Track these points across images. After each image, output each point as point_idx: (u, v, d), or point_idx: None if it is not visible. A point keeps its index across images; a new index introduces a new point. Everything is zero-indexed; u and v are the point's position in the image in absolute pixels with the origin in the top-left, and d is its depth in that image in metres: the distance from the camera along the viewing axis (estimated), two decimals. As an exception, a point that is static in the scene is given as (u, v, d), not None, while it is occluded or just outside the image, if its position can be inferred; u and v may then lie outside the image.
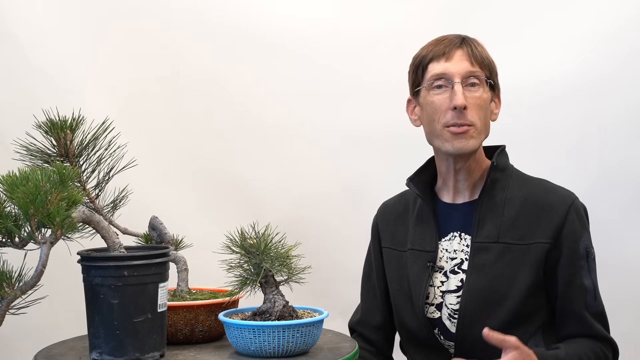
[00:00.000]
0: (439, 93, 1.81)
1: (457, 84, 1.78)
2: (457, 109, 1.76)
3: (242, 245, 1.60)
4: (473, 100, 1.78)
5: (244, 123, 2.77)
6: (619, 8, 2.59)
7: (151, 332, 1.52)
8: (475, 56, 1.81)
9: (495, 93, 1.86)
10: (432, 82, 1.82)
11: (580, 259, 1.78)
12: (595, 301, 1.79)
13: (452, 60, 1.80)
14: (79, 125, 1.69)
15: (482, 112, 1.80)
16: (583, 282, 1.78)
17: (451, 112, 1.78)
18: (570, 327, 1.80)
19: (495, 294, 1.78)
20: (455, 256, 1.85)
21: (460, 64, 1.80)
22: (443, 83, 1.80)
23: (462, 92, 1.77)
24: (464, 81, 1.79)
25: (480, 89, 1.80)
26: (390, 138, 2.70)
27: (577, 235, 1.78)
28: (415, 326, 1.86)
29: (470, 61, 1.80)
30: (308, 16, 2.78)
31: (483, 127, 1.81)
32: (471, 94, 1.79)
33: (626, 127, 2.58)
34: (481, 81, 1.80)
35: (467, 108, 1.77)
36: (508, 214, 1.81)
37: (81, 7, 2.73)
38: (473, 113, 1.78)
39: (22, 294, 1.37)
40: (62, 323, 2.51)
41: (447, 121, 1.79)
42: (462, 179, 1.86)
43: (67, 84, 2.69)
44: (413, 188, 1.89)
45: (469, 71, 1.80)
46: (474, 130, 1.79)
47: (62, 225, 1.37)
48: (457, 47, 1.82)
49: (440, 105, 1.80)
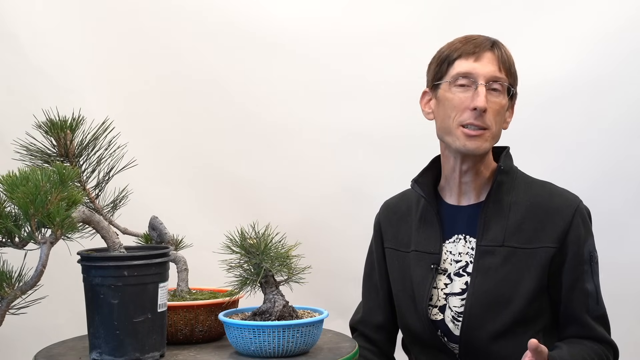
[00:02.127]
0: (461, 91, 1.80)
1: (481, 86, 1.78)
2: (478, 110, 1.76)
3: (242, 245, 1.60)
4: (493, 105, 1.79)
5: (244, 123, 2.77)
6: (619, 8, 2.60)
7: (151, 332, 1.52)
8: (504, 62, 1.81)
9: (512, 102, 1.86)
10: (456, 79, 1.81)
11: (583, 263, 1.78)
12: (597, 305, 1.79)
13: (480, 61, 1.80)
14: (79, 125, 1.69)
15: (498, 118, 1.80)
16: (585, 286, 1.78)
17: (470, 112, 1.78)
18: (572, 330, 1.80)
19: (500, 298, 1.77)
20: (460, 259, 1.84)
21: (488, 67, 1.79)
22: (467, 82, 1.80)
23: (485, 95, 1.77)
24: (488, 84, 1.79)
25: (501, 95, 1.80)
26: (391, 138, 2.70)
27: (581, 240, 1.78)
28: (419, 328, 1.86)
29: (498, 66, 1.80)
30: (308, 16, 2.78)
31: (497, 132, 1.81)
32: (492, 98, 1.79)
33: (626, 126, 2.58)
34: (503, 88, 1.81)
35: (487, 111, 1.77)
36: (513, 217, 1.81)
37: (81, 7, 2.73)
38: (491, 117, 1.78)
39: (22, 294, 1.37)
40: (62, 323, 2.51)
41: (463, 120, 1.78)
42: (468, 180, 1.85)
43: (67, 84, 2.69)
44: (418, 190, 1.89)
45: (495, 76, 1.79)
46: (489, 134, 1.79)
47: (62, 225, 1.37)
48: (487, 50, 1.81)
49: (460, 103, 1.79)
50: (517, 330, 1.77)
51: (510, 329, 1.76)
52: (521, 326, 1.77)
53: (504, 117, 1.83)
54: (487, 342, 1.77)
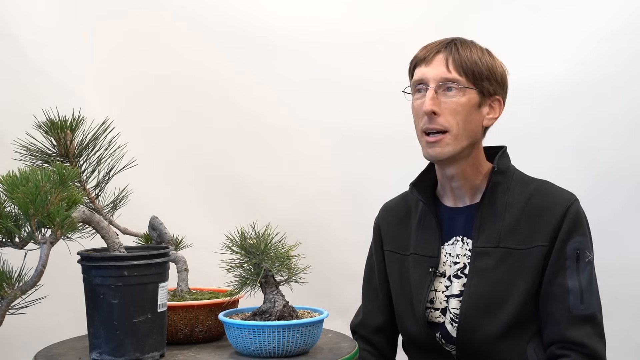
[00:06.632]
0: (418, 98, 1.81)
1: (430, 90, 1.77)
2: (427, 114, 1.76)
3: (242, 245, 1.60)
4: (447, 105, 1.77)
5: (244, 123, 2.77)
6: (619, 8, 2.60)
7: (151, 332, 1.52)
8: (455, 60, 1.78)
9: (486, 97, 1.81)
10: (414, 86, 1.83)
11: (565, 258, 1.75)
12: (582, 304, 1.74)
13: (430, 65, 1.79)
14: (79, 125, 1.69)
15: (458, 117, 1.77)
16: (566, 282, 1.74)
17: (425, 117, 1.78)
18: (548, 331, 1.76)
19: (496, 299, 1.77)
20: (458, 260, 1.84)
21: (436, 69, 1.78)
22: (422, 87, 1.80)
23: (432, 97, 1.76)
24: (440, 86, 1.78)
25: (458, 93, 1.77)
26: (391, 138, 2.70)
27: (566, 235, 1.76)
28: (416, 331, 1.86)
29: (447, 66, 1.78)
30: (308, 16, 2.79)
31: (462, 132, 1.77)
32: (446, 99, 1.77)
33: (626, 126, 2.58)
34: (458, 86, 1.78)
35: (439, 114, 1.76)
36: (509, 218, 1.80)
37: (81, 7, 2.73)
38: (447, 118, 1.76)
39: (22, 294, 1.37)
40: (62, 323, 2.51)
41: (422, 126, 1.79)
42: (457, 185, 1.84)
43: (67, 84, 2.69)
44: (416, 194, 1.89)
45: (443, 77, 1.78)
46: (449, 137, 1.77)
47: (62, 225, 1.37)
48: (437, 52, 1.80)
49: (418, 110, 1.80)
50: (513, 332, 1.76)
51: (506, 330, 1.76)
52: (517, 328, 1.77)
53: (471, 115, 1.79)
54: (484, 343, 1.77)
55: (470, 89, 1.78)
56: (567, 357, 1.72)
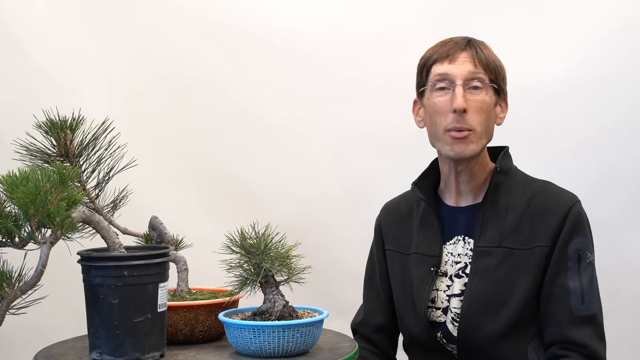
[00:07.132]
0: (441, 95, 1.80)
1: (458, 86, 1.76)
2: (457, 112, 1.76)
3: (242, 245, 1.60)
4: (474, 104, 1.77)
5: (244, 123, 2.77)
6: (619, 8, 2.60)
7: (151, 332, 1.52)
8: (480, 58, 1.79)
9: (500, 97, 1.84)
10: (434, 83, 1.80)
11: (567, 259, 1.75)
12: (582, 304, 1.74)
13: (455, 62, 1.79)
14: (79, 125, 1.69)
15: (483, 116, 1.78)
16: (567, 282, 1.74)
17: (452, 115, 1.76)
18: (549, 331, 1.76)
19: (497, 298, 1.77)
20: (460, 260, 1.84)
21: (463, 66, 1.78)
22: (445, 85, 1.79)
23: (463, 95, 1.76)
24: (467, 84, 1.77)
25: (482, 92, 1.78)
26: (391, 138, 2.70)
27: (568, 236, 1.76)
28: (417, 330, 1.86)
29: (474, 63, 1.78)
30: (308, 16, 2.78)
31: (484, 131, 1.79)
32: (473, 97, 1.77)
33: (626, 126, 2.58)
34: (484, 84, 1.78)
35: (467, 111, 1.76)
36: (510, 218, 1.80)
37: (81, 7, 2.73)
38: (473, 117, 1.76)
39: (22, 294, 1.37)
40: (62, 323, 2.51)
41: (447, 124, 1.77)
42: (464, 181, 1.85)
43: (67, 84, 2.69)
44: (418, 193, 1.89)
45: (472, 73, 1.78)
46: (473, 135, 1.77)
47: (62, 225, 1.37)
48: (461, 49, 1.80)
49: (442, 108, 1.78)
50: (514, 331, 1.76)
51: (507, 330, 1.76)
52: (519, 328, 1.77)
53: (491, 114, 1.81)
54: (485, 343, 1.77)
55: (492, 88, 1.79)
56: (567, 357, 1.72)
